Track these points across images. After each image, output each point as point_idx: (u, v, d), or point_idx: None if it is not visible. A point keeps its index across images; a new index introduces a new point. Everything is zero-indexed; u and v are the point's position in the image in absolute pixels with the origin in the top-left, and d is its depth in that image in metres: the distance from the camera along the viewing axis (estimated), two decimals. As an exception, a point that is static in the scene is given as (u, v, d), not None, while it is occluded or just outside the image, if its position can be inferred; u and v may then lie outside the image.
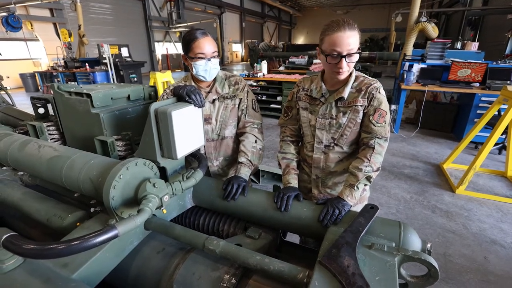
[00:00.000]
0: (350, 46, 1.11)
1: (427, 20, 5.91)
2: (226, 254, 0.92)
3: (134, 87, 1.44)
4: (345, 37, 1.10)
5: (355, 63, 1.19)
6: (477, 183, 3.59)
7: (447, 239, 2.55)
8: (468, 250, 2.42)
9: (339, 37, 1.10)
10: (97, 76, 9.02)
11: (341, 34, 1.10)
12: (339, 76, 1.19)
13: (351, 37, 1.10)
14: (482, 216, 2.91)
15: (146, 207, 0.90)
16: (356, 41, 1.12)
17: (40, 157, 1.24)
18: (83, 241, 0.75)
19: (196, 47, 1.34)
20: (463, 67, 4.99)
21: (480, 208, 3.06)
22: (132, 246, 1.04)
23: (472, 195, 3.29)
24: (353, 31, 1.11)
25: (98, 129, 1.29)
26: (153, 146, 1.07)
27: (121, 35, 15.70)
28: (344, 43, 1.10)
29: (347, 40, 1.10)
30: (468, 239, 2.56)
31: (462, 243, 2.50)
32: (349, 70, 1.20)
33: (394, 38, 13.81)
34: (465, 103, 5.17)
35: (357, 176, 1.18)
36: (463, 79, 5.03)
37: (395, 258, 0.84)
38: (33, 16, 12.37)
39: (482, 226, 2.76)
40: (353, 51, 1.12)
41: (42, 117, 1.74)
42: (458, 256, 2.34)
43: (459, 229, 2.70)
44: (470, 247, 2.45)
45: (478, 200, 3.21)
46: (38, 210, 1.27)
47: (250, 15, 26.33)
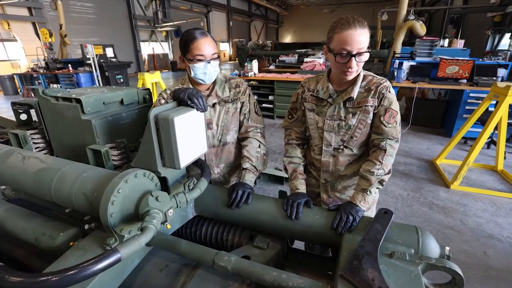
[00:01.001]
0: (360, 45, 1.05)
1: (415, 18, 5.99)
2: (239, 271, 0.84)
3: (127, 90, 1.34)
4: (355, 35, 1.04)
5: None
6: (470, 178, 3.64)
7: (447, 236, 2.56)
8: (467, 245, 2.44)
9: (349, 35, 1.04)
10: (81, 78, 8.69)
11: (352, 32, 1.04)
12: (347, 76, 1.13)
13: (361, 35, 1.04)
14: (477, 211, 2.94)
15: (150, 224, 0.81)
16: (367, 39, 1.07)
17: (25, 169, 1.12)
18: (81, 270, 0.66)
19: (195, 48, 1.25)
20: (451, 64, 5.09)
21: (475, 203, 3.10)
22: (133, 265, 0.95)
23: (466, 190, 3.33)
24: (363, 28, 1.05)
25: (89, 137, 1.19)
26: (153, 155, 0.99)
27: (104, 35, 15.25)
28: (355, 42, 1.04)
29: (357, 38, 1.04)
30: (467, 234, 2.58)
31: (461, 239, 2.52)
32: (358, 70, 1.14)
33: (381, 36, 13.98)
34: (453, 99, 5.27)
35: (369, 180, 1.13)
36: (451, 76, 5.13)
37: (418, 267, 0.80)
38: (10, 15, 11.84)
39: (478, 221, 2.79)
40: (364, 50, 1.07)
41: (24, 124, 1.61)
42: (459, 252, 2.35)
43: (457, 225, 2.72)
44: (469, 243, 2.47)
45: (472, 195, 3.26)
46: (24, 228, 1.15)
47: (237, 14, 26.16)
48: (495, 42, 11.45)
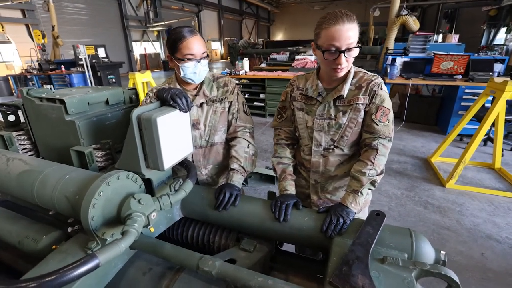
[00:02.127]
0: (349, 40, 1.01)
1: (408, 13, 5.97)
2: (223, 276, 0.82)
3: (112, 90, 1.32)
4: (344, 30, 1.00)
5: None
6: (466, 176, 3.58)
7: (442, 236, 2.51)
8: (464, 247, 2.38)
9: (337, 31, 1.01)
10: (74, 78, 8.62)
11: (340, 27, 1.00)
12: (337, 73, 1.09)
13: (350, 30, 1.01)
14: (474, 211, 2.88)
15: (131, 228, 0.79)
16: (356, 34, 1.03)
17: (8, 172, 1.10)
18: (58, 276, 0.64)
19: (184, 48, 1.21)
20: (445, 60, 5.04)
21: (472, 202, 3.04)
22: (116, 269, 0.93)
23: (462, 189, 3.28)
24: (352, 23, 1.01)
25: (74, 138, 1.17)
26: (136, 156, 0.97)
27: (97, 36, 15.14)
28: (343, 37, 1.00)
29: (346, 34, 1.00)
30: (463, 235, 2.52)
31: (457, 239, 2.46)
32: (348, 67, 1.11)
33: (373, 33, 13.97)
34: (448, 95, 5.21)
35: (360, 181, 1.10)
36: (446, 72, 5.07)
37: (412, 273, 0.76)
38: (4, 17, 11.76)
39: (475, 221, 2.72)
40: (353, 45, 1.03)
41: (12, 125, 1.58)
42: (455, 254, 2.29)
43: (453, 225, 2.66)
44: (466, 244, 2.41)
45: (468, 193, 3.19)
46: (8, 231, 1.13)
47: (228, 13, 26.04)
48: (491, 37, 11.27)
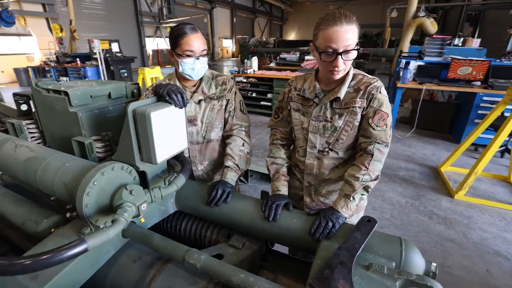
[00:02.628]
0: (347, 42, 1.00)
1: (426, 15, 5.77)
2: (207, 270, 0.85)
3: (115, 84, 1.36)
4: (341, 31, 0.99)
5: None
6: (478, 188, 3.41)
7: (445, 249, 2.42)
8: (468, 261, 2.28)
9: (335, 32, 0.99)
10: (88, 71, 8.87)
11: (337, 29, 0.99)
12: (334, 75, 1.08)
13: (348, 31, 0.99)
14: (484, 225, 2.75)
15: (120, 217, 0.84)
16: (354, 36, 1.01)
17: (16, 157, 1.17)
18: (50, 257, 0.69)
19: (185, 44, 1.25)
20: (463, 65, 4.81)
21: (482, 215, 2.90)
22: (109, 255, 0.98)
23: (472, 201, 3.13)
24: (351, 24, 1.00)
25: (76, 129, 1.22)
26: (131, 149, 1.01)
27: (112, 30, 15.50)
28: (341, 39, 0.99)
29: (344, 36, 0.99)
30: (469, 249, 2.41)
31: (462, 253, 2.37)
32: (346, 69, 1.09)
33: (389, 34, 13.56)
34: (465, 102, 4.97)
35: (353, 186, 1.09)
36: (464, 78, 4.82)
37: (396, 282, 0.75)
38: (26, 11, 12.19)
39: (484, 235, 2.60)
40: (351, 47, 1.01)
41: (24, 114, 1.66)
42: (458, 268, 2.21)
43: (459, 238, 2.57)
44: (470, 258, 2.31)
45: (479, 206, 3.05)
46: (13, 213, 1.21)
47: (241, 11, 26.01)
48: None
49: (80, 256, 0.87)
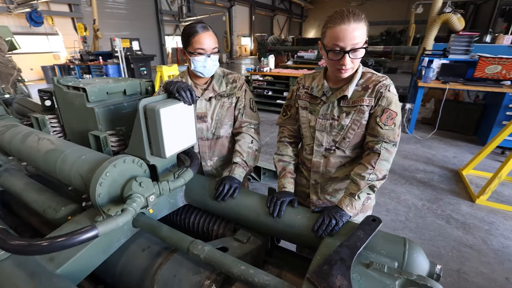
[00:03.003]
0: (354, 41, 0.99)
1: (452, 10, 5.48)
2: (210, 261, 0.88)
3: (130, 82, 1.43)
4: (349, 30, 0.98)
5: (362, 58, 1.07)
6: (502, 194, 3.24)
7: (463, 254, 2.34)
8: (487, 268, 2.18)
9: (342, 30, 0.99)
10: (109, 69, 9.23)
11: (345, 27, 0.98)
12: (342, 74, 1.08)
13: (356, 30, 0.98)
14: (506, 231, 2.62)
15: (129, 207, 0.89)
16: (362, 34, 1.01)
17: (38, 149, 1.25)
18: (64, 240, 0.75)
19: (196, 42, 1.28)
20: (492, 63, 4.53)
21: (505, 222, 2.76)
22: (119, 243, 1.03)
23: (495, 207, 2.98)
24: (358, 22, 0.99)
25: (93, 123, 1.29)
26: (142, 143, 1.06)
27: (133, 29, 15.97)
28: (348, 37, 0.99)
29: (351, 34, 0.98)
30: (488, 256, 2.31)
31: (480, 260, 2.27)
32: (354, 68, 1.08)
33: (413, 31, 12.98)
34: (492, 103, 4.70)
35: (358, 185, 1.08)
36: (492, 77, 4.53)
37: (396, 281, 0.74)
38: (54, 11, 12.78)
39: (505, 242, 2.48)
40: (358, 46, 1.01)
41: (48, 109, 1.77)
42: (475, 274, 2.13)
43: (478, 244, 2.46)
44: (489, 265, 2.21)
45: (502, 212, 2.90)
46: (35, 201, 1.29)
47: (260, 8, 25.92)
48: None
49: (93, 243, 0.94)
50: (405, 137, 5.13)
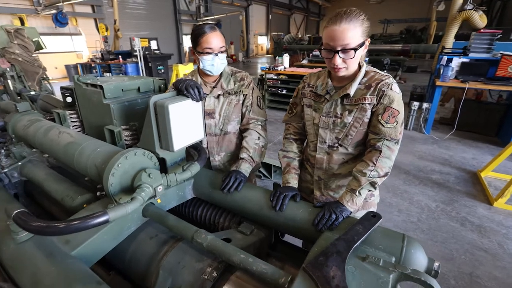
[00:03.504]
0: (344, 41, 1.02)
1: (474, 7, 5.30)
2: (212, 249, 0.93)
3: (144, 80, 1.50)
4: (339, 31, 1.02)
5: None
6: None
7: (476, 258, 2.29)
8: (502, 273, 2.14)
9: (333, 31, 1.03)
10: (128, 68, 9.53)
11: (335, 28, 1.02)
12: (336, 72, 1.11)
13: (346, 31, 1.01)
14: None
15: (138, 196, 0.95)
16: (355, 36, 1.03)
17: (58, 142, 1.35)
18: (79, 223, 0.83)
19: (204, 42, 1.34)
20: None
21: None
22: (130, 230, 1.10)
23: None
24: (350, 24, 1.01)
25: (108, 118, 1.37)
26: (152, 137, 1.12)
27: (152, 29, 16.40)
28: (338, 38, 1.03)
29: (341, 35, 1.02)
30: (504, 260, 2.26)
31: (495, 264, 2.23)
32: (348, 67, 1.10)
33: (435, 29, 12.55)
34: None
35: (359, 181, 1.10)
36: None
37: (390, 275, 0.76)
38: (78, 12, 13.36)
39: None
40: (349, 46, 1.03)
41: (69, 106, 1.87)
42: (488, 279, 2.10)
43: (493, 247, 2.41)
44: (505, 270, 2.17)
45: None
46: (55, 190, 1.39)
47: (277, 7, 25.87)
48: None
49: (105, 229, 1.01)
50: (422, 138, 5.02)
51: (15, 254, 0.98)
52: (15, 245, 0.99)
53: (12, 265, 0.97)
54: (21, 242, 0.99)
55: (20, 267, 0.94)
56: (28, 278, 0.89)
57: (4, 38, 3.55)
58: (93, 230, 0.98)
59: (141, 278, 1.04)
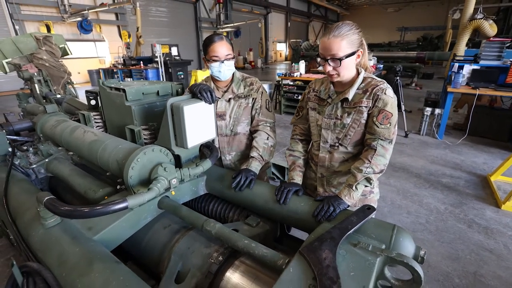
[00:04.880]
0: (332, 52, 1.15)
1: (484, 16, 5.30)
2: (220, 236, 1.02)
3: (163, 84, 1.62)
4: (327, 42, 1.15)
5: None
6: None
7: (481, 258, 2.31)
8: (506, 272, 2.17)
9: (323, 42, 1.17)
10: (149, 73, 9.83)
11: (325, 39, 1.16)
12: (330, 78, 1.24)
13: (334, 43, 1.14)
14: None
15: (155, 186, 1.05)
16: (342, 47, 1.13)
17: (83, 140, 1.48)
18: (101, 208, 0.94)
19: (212, 50, 1.46)
20: None
21: None
22: (146, 220, 1.20)
23: None
24: (338, 37, 1.13)
25: (130, 119, 1.49)
26: (168, 135, 1.23)
27: (173, 35, 16.87)
28: (327, 48, 1.16)
29: (329, 45, 1.15)
30: (508, 260, 2.29)
31: (499, 264, 2.25)
32: (341, 74, 1.21)
33: (450, 37, 12.40)
34: None
35: (356, 177, 1.19)
36: None
37: (377, 258, 0.83)
38: (102, 20, 13.96)
39: None
40: (337, 56, 1.14)
41: (93, 108, 2.03)
42: (492, 278, 2.12)
43: (499, 248, 2.42)
44: (509, 270, 2.19)
45: None
46: (79, 184, 1.52)
47: (295, 15, 26.15)
48: None
49: (124, 217, 1.12)
50: (434, 142, 5.02)
51: (44, 238, 1.10)
52: (44, 230, 1.11)
53: (41, 248, 1.08)
54: (49, 227, 1.11)
55: (48, 249, 1.05)
56: (55, 259, 1.00)
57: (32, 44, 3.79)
58: (113, 218, 1.09)
59: (155, 264, 1.14)
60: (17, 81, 5.85)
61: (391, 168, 3.96)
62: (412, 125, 5.74)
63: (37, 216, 1.13)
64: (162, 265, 1.08)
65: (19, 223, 1.26)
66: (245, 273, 0.97)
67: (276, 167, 3.47)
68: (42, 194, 1.04)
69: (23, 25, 11.03)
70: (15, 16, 10.54)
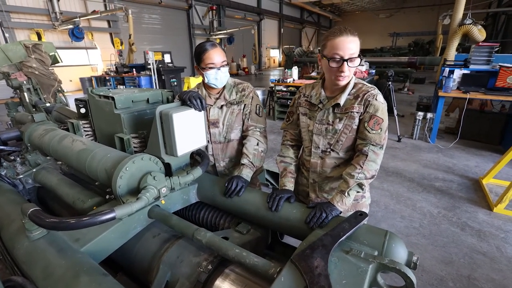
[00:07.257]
0: (351, 51, 1.14)
1: (473, 22, 5.45)
2: (210, 245, 1.01)
3: (153, 91, 1.61)
4: (347, 41, 1.13)
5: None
6: None
7: (475, 261, 2.33)
8: (499, 275, 2.19)
9: (341, 42, 1.14)
10: (142, 80, 9.77)
11: (343, 39, 1.14)
12: (339, 81, 1.21)
13: (352, 42, 1.14)
14: None
15: (144, 196, 1.03)
16: (357, 47, 1.16)
17: (72, 149, 1.45)
18: (88, 219, 0.92)
19: (207, 58, 1.46)
20: None
21: None
22: (136, 231, 1.18)
23: None
24: (354, 36, 1.15)
25: (119, 127, 1.47)
26: (158, 143, 1.21)
27: (166, 42, 16.86)
28: (346, 47, 1.14)
29: (348, 45, 1.13)
30: (501, 263, 2.31)
31: (492, 267, 2.27)
32: (350, 76, 1.22)
33: (441, 42, 12.72)
34: None
35: (348, 183, 1.18)
36: None
37: (370, 265, 0.83)
38: (94, 27, 13.89)
39: None
40: (354, 55, 1.15)
41: (83, 116, 1.99)
42: (486, 281, 2.13)
43: (491, 251, 2.45)
44: (501, 273, 2.21)
45: None
46: (67, 194, 1.49)
47: (289, 21, 26.48)
48: None
49: (112, 228, 1.09)
50: (427, 147, 5.08)
51: (29, 251, 1.06)
52: (29, 242, 1.08)
53: (25, 261, 1.05)
54: (35, 240, 1.08)
55: (33, 262, 1.02)
56: (41, 271, 0.97)
57: (22, 52, 3.74)
58: (102, 229, 1.07)
59: (144, 274, 1.11)
60: (7, 90, 5.76)
61: (384, 173, 4.00)
62: (405, 130, 5.83)
63: (22, 228, 1.09)
64: (151, 275, 1.05)
65: (4, 235, 1.22)
66: (235, 282, 0.95)
67: (270, 174, 3.47)
68: (26, 206, 1.01)
69: (13, 33, 10.89)
70: (5, 24, 10.42)
